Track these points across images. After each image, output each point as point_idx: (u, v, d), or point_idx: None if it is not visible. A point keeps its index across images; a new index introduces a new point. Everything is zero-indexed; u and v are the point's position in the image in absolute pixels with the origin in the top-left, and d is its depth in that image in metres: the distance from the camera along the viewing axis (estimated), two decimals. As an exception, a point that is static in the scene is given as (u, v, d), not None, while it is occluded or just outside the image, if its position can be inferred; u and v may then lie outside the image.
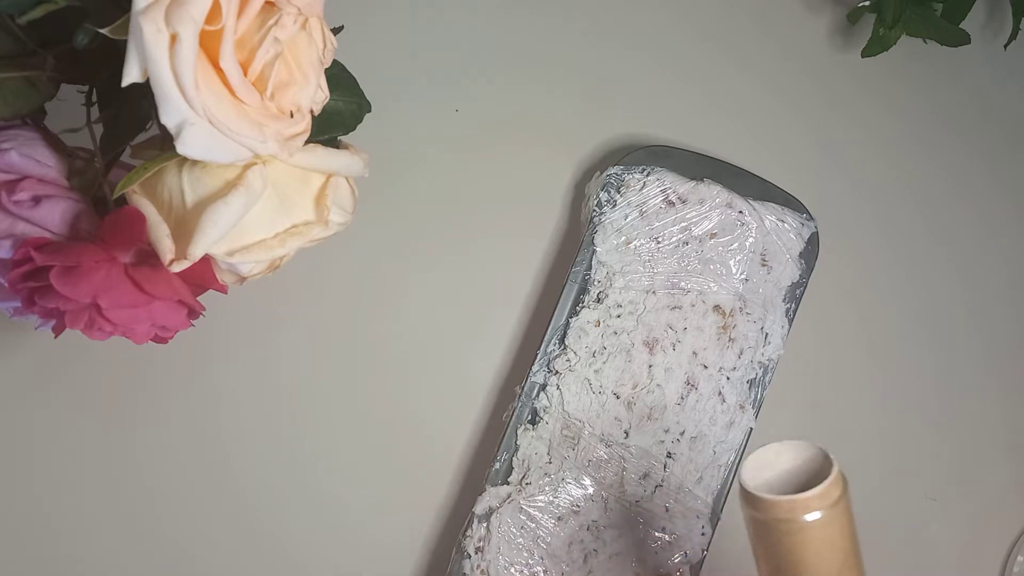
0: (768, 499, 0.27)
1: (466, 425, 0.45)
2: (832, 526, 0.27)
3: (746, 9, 0.47)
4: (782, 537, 0.27)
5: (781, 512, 0.27)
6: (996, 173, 0.47)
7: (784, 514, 0.27)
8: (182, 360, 0.44)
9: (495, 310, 0.45)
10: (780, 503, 0.27)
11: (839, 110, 0.47)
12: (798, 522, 0.26)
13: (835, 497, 0.27)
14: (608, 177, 0.43)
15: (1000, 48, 0.45)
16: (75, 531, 0.43)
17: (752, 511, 0.27)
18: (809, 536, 0.27)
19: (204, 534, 0.44)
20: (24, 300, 0.30)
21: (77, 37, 0.29)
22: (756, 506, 0.27)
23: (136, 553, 0.43)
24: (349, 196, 0.34)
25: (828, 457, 0.28)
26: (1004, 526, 0.45)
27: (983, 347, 0.46)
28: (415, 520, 0.44)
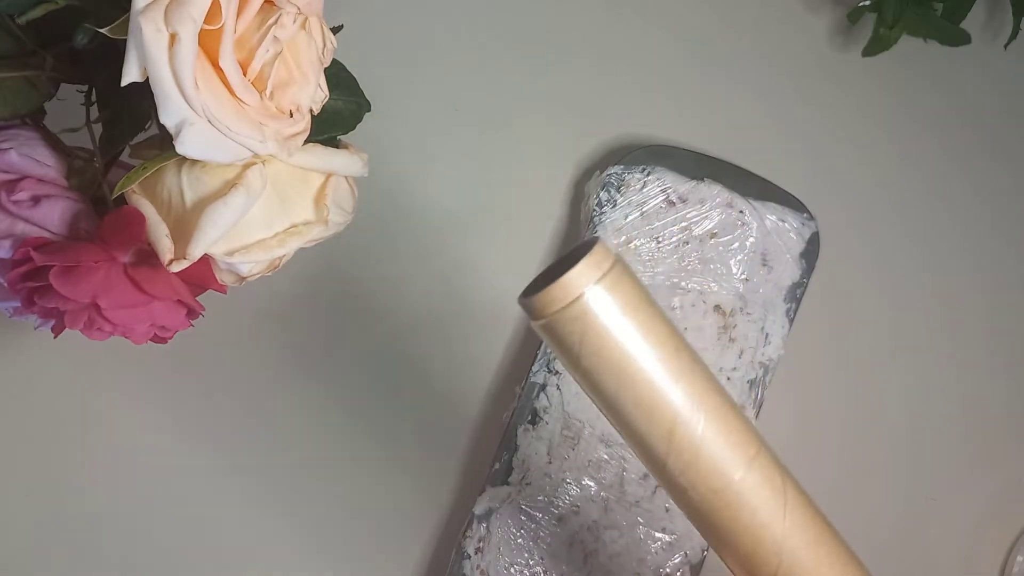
0: (539, 294, 0.24)
1: (466, 425, 0.45)
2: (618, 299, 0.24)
3: (746, 9, 0.47)
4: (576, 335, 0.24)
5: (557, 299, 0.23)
6: (997, 172, 0.47)
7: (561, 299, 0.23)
8: (182, 360, 0.44)
9: (495, 310, 0.45)
10: (550, 289, 0.23)
11: (839, 110, 0.47)
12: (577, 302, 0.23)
13: (605, 265, 0.24)
14: (608, 177, 0.43)
15: (1000, 48, 0.45)
16: (75, 531, 0.43)
17: (538, 322, 0.24)
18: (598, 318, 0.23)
19: (204, 534, 0.44)
20: (24, 300, 0.31)
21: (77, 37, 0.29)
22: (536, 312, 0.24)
23: (136, 553, 0.43)
24: (349, 196, 0.34)
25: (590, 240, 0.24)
26: (1004, 526, 0.45)
27: (984, 347, 0.46)
28: (415, 520, 0.44)
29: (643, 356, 0.24)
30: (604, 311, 0.24)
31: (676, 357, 0.24)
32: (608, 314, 0.24)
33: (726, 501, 0.25)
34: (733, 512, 0.25)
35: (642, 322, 0.24)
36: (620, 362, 0.24)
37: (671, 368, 0.24)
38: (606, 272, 0.24)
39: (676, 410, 0.24)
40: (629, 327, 0.24)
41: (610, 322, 0.24)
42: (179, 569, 0.43)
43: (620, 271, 0.24)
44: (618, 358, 0.24)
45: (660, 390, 0.24)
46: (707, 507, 0.25)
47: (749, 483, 0.25)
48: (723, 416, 0.25)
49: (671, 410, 0.24)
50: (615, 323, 0.24)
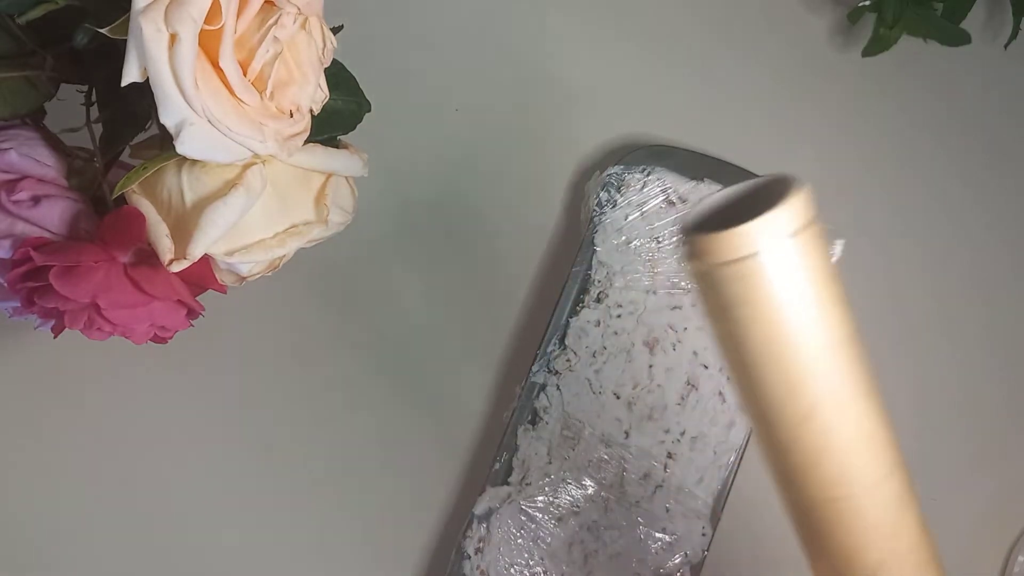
0: (708, 236, 0.20)
1: (466, 425, 0.44)
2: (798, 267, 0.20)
3: (746, 9, 0.47)
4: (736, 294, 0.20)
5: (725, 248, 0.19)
6: (998, 172, 0.47)
7: (731, 251, 0.19)
8: (182, 360, 0.44)
9: (495, 310, 0.45)
10: (722, 236, 0.19)
11: (839, 110, 0.47)
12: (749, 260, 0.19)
13: (798, 223, 0.19)
14: (608, 177, 0.43)
15: (1000, 48, 0.45)
16: (75, 531, 0.43)
17: (695, 265, 0.20)
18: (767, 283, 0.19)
19: (203, 534, 0.44)
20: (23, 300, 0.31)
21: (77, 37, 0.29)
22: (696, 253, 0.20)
23: (135, 553, 0.43)
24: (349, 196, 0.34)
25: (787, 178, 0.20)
26: (1004, 526, 0.45)
27: (984, 347, 0.46)
28: (415, 521, 0.44)
29: (806, 336, 0.21)
30: (780, 277, 0.20)
31: (842, 347, 0.21)
32: (783, 282, 0.20)
33: (840, 508, 0.22)
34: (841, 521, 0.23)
35: (818, 299, 0.20)
36: (777, 334, 0.20)
37: (832, 358, 0.21)
38: (797, 231, 0.20)
39: (820, 400, 0.21)
40: (803, 302, 0.20)
41: (783, 291, 0.20)
42: (178, 569, 0.43)
43: (812, 234, 0.20)
44: (776, 330, 0.20)
45: (812, 375, 0.21)
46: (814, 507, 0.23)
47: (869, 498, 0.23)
48: (869, 423, 0.22)
49: (814, 399, 0.21)
50: (788, 293, 0.20)
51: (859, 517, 0.23)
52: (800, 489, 0.23)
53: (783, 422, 0.22)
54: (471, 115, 0.46)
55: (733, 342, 0.21)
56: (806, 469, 0.22)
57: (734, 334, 0.21)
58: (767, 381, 0.21)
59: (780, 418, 0.22)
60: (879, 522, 0.23)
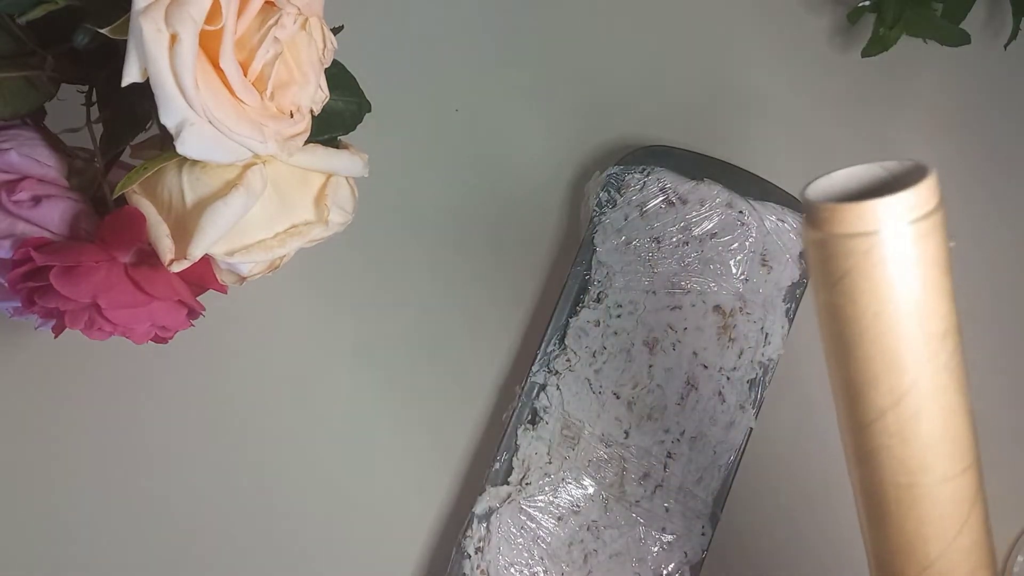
0: (834, 206, 0.20)
1: (466, 425, 0.45)
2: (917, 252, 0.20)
3: (746, 9, 0.47)
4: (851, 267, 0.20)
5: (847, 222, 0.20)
6: (997, 172, 0.47)
7: (851, 225, 0.20)
8: (182, 360, 0.44)
9: (495, 310, 0.45)
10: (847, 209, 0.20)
11: (839, 110, 0.47)
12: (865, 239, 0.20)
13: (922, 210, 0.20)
14: (608, 177, 0.43)
15: (1000, 48, 0.45)
16: (75, 531, 0.43)
17: (813, 232, 0.21)
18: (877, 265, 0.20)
19: (204, 534, 0.44)
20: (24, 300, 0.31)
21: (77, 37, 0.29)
22: (817, 220, 0.20)
23: (135, 553, 0.43)
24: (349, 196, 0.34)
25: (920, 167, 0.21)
26: (1004, 526, 0.45)
27: (983, 347, 0.46)
28: (415, 520, 0.44)
29: (911, 320, 0.21)
30: (896, 259, 0.20)
31: (942, 338, 0.21)
32: (897, 264, 0.20)
33: (910, 495, 0.22)
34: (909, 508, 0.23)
35: (928, 287, 0.21)
36: (883, 312, 0.20)
37: (932, 347, 0.21)
38: (921, 217, 0.20)
39: (914, 385, 0.21)
40: (914, 286, 0.20)
41: (896, 272, 0.20)
42: (177, 569, 0.43)
43: (935, 223, 0.21)
44: (884, 308, 0.20)
45: (910, 358, 0.21)
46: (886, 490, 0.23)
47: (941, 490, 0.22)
48: (956, 417, 0.22)
49: (909, 383, 0.21)
50: (901, 275, 0.20)
51: (930, 507, 0.23)
52: (875, 471, 0.23)
53: (873, 401, 0.22)
54: (471, 115, 0.46)
55: (838, 314, 0.21)
56: (886, 451, 0.22)
57: (841, 306, 0.21)
58: (865, 358, 0.21)
59: (870, 397, 0.22)
60: (947, 515, 0.23)
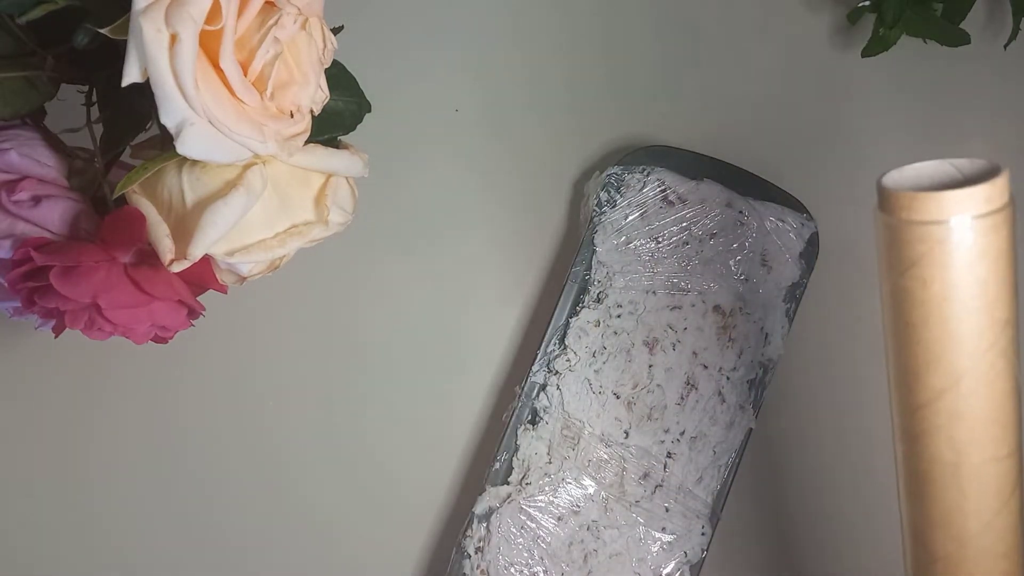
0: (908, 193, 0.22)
1: (466, 425, 0.45)
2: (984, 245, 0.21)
3: (746, 9, 0.47)
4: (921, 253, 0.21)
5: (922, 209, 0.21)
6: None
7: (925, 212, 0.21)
8: (182, 360, 0.44)
9: (495, 310, 0.45)
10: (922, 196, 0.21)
11: (839, 110, 0.47)
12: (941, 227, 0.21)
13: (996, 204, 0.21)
14: (608, 177, 0.43)
15: (1000, 48, 0.45)
16: (74, 531, 0.43)
17: (889, 218, 0.22)
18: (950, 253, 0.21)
19: (204, 533, 0.44)
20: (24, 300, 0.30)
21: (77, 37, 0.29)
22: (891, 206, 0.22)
23: (135, 553, 0.43)
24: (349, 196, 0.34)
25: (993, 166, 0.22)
26: (1004, 526, 0.45)
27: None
28: (415, 520, 0.44)
29: (975, 307, 0.22)
30: (967, 248, 0.21)
31: (1003, 326, 0.22)
32: (969, 253, 0.21)
33: (957, 472, 0.24)
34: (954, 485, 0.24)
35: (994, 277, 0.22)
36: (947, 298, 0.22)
37: (993, 333, 0.22)
38: (991, 212, 0.21)
39: (971, 369, 0.22)
40: (980, 276, 0.22)
41: (966, 261, 0.21)
42: (177, 569, 0.43)
43: (1004, 218, 0.22)
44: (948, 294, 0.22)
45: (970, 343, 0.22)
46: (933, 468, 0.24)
47: (986, 470, 0.24)
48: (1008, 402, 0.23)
49: (966, 367, 0.22)
50: (970, 265, 0.21)
51: (974, 484, 0.24)
52: (925, 448, 0.24)
53: (931, 382, 0.23)
54: (471, 115, 0.46)
55: (907, 298, 0.23)
56: (938, 430, 0.23)
57: (906, 290, 0.22)
58: (930, 339, 0.23)
59: (929, 378, 0.23)
60: (990, 494, 0.24)
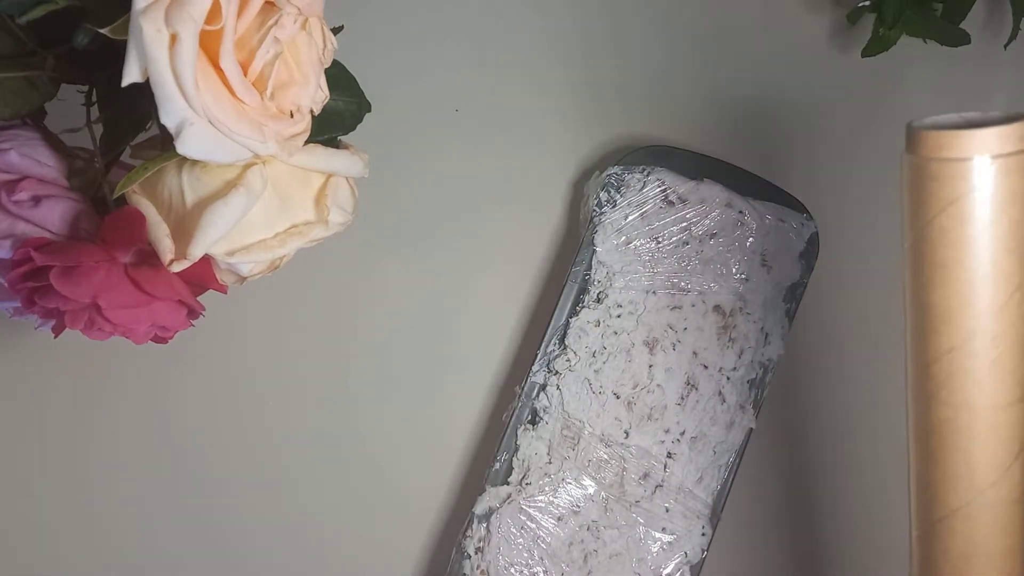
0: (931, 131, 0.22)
1: (466, 425, 0.45)
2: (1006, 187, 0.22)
3: (746, 9, 0.47)
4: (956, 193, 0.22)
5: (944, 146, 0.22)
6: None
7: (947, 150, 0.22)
8: (182, 360, 0.44)
9: (495, 310, 0.45)
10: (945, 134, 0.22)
11: (839, 110, 0.47)
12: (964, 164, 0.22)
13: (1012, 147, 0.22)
14: (608, 177, 0.43)
15: (1000, 48, 0.45)
16: (74, 531, 0.43)
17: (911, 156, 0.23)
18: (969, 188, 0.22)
19: (204, 533, 0.44)
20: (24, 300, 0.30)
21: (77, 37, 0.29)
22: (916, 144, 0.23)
23: (135, 553, 0.43)
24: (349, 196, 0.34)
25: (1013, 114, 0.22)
26: (1004, 526, 0.45)
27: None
28: (415, 520, 0.44)
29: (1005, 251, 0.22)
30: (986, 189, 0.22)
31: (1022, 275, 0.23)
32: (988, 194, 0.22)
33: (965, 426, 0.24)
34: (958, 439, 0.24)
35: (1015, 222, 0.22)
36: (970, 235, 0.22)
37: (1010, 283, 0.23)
38: (1011, 153, 0.22)
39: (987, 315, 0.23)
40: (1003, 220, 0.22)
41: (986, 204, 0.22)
42: (177, 569, 0.43)
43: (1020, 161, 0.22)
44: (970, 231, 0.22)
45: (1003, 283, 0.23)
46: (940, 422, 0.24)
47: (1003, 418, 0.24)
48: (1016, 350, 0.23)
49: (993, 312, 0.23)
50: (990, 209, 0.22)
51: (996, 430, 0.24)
52: (950, 394, 0.24)
53: (963, 323, 0.23)
54: (471, 115, 0.46)
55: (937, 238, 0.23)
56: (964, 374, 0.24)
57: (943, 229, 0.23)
58: (965, 280, 0.23)
59: (960, 320, 0.23)
60: (1003, 443, 0.24)
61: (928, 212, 0.23)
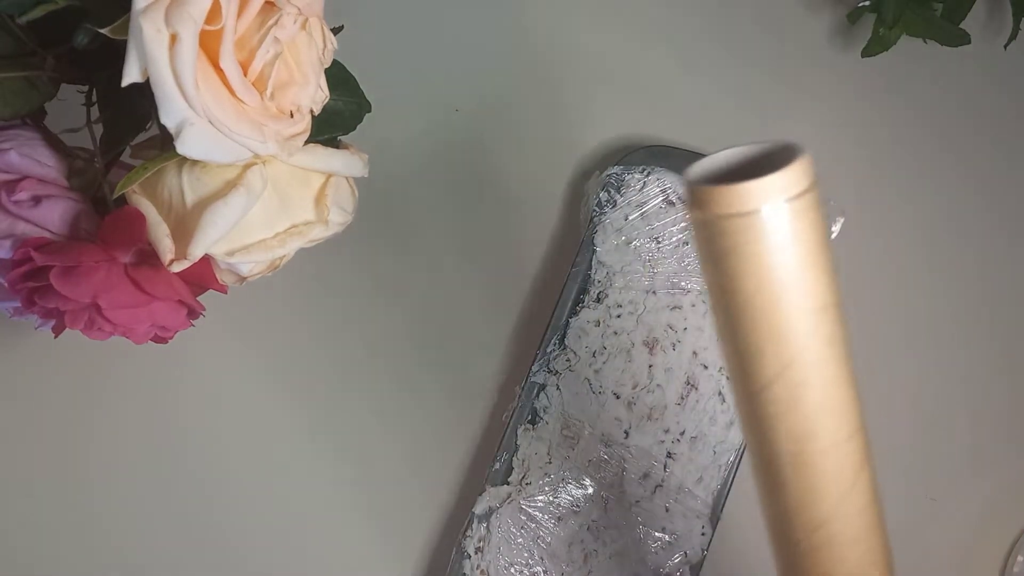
0: (714, 188, 0.21)
1: (466, 425, 0.45)
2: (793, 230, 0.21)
3: (746, 9, 0.47)
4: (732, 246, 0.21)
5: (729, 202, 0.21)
6: (998, 172, 0.47)
7: (732, 205, 0.21)
8: (182, 360, 0.44)
9: (495, 310, 0.45)
10: (727, 190, 0.21)
11: (839, 110, 0.47)
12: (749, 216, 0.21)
13: (798, 188, 0.21)
14: (608, 177, 0.43)
15: (1000, 48, 0.45)
16: (74, 531, 0.43)
17: (697, 213, 0.22)
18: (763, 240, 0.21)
19: (202, 536, 0.44)
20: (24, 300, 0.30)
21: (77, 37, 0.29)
22: (700, 201, 0.21)
23: (135, 553, 0.43)
24: (349, 196, 0.34)
25: (792, 146, 0.21)
26: (1004, 526, 0.45)
27: (984, 347, 0.46)
28: (415, 520, 0.44)
29: (792, 294, 0.22)
30: (775, 235, 0.21)
31: (822, 311, 0.22)
32: (777, 240, 0.21)
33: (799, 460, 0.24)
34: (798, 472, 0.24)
35: (805, 263, 0.22)
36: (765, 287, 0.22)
37: (813, 320, 0.22)
38: (797, 195, 0.21)
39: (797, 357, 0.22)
40: (793, 262, 0.22)
41: (776, 249, 0.21)
42: (177, 569, 0.43)
43: (810, 201, 0.21)
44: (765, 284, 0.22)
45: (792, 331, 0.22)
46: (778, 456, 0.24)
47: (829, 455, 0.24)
48: (840, 387, 0.23)
49: (792, 354, 0.22)
50: (781, 252, 0.21)
51: (818, 471, 0.24)
52: (765, 436, 0.24)
53: (760, 372, 0.23)
54: (471, 115, 0.46)
55: (723, 291, 0.22)
56: (775, 420, 0.23)
57: (725, 284, 0.22)
58: (750, 331, 0.23)
59: (758, 368, 0.23)
60: (834, 480, 0.24)
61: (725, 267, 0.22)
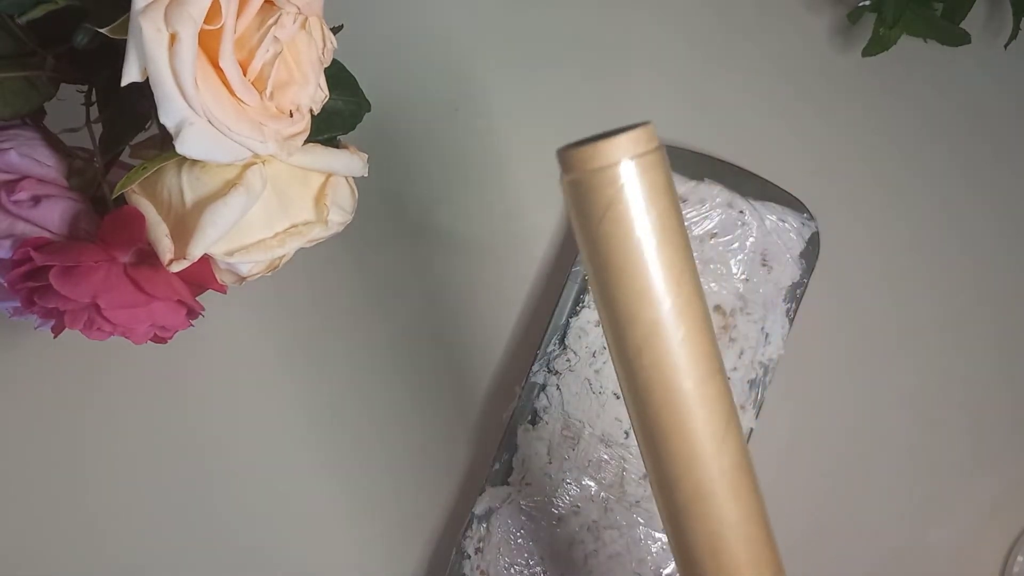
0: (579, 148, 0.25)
1: (466, 425, 0.45)
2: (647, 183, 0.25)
3: (746, 9, 0.47)
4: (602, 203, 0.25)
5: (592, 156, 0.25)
6: (998, 171, 0.47)
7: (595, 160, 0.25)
8: (182, 360, 0.44)
9: (495, 309, 0.45)
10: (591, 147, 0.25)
11: (839, 110, 0.47)
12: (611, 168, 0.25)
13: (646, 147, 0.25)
14: (608, 177, 0.43)
15: (1000, 48, 0.45)
16: (75, 531, 0.43)
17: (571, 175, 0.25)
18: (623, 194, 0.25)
19: (202, 535, 0.44)
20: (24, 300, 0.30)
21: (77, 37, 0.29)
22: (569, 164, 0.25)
23: (135, 553, 0.43)
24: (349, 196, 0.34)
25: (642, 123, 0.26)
26: (1004, 526, 0.45)
27: (984, 347, 0.46)
28: (415, 520, 0.44)
29: (656, 244, 0.25)
30: (635, 187, 0.25)
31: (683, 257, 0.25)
32: (638, 191, 0.25)
33: (677, 404, 0.26)
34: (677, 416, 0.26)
35: (664, 212, 0.25)
36: (635, 241, 0.25)
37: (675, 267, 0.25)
38: (645, 152, 0.25)
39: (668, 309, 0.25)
40: (653, 212, 0.25)
41: (638, 200, 0.25)
42: (177, 570, 0.43)
43: (659, 158, 0.25)
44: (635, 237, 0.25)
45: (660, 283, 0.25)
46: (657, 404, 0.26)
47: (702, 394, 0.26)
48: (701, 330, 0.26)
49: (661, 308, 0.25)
50: (642, 203, 0.25)
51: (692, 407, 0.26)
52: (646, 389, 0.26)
53: (645, 315, 0.25)
54: (471, 115, 0.46)
55: (595, 246, 0.25)
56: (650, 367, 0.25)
57: (601, 241, 0.25)
58: (622, 290, 0.25)
59: (643, 312, 0.25)
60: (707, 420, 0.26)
61: (592, 220, 0.25)
